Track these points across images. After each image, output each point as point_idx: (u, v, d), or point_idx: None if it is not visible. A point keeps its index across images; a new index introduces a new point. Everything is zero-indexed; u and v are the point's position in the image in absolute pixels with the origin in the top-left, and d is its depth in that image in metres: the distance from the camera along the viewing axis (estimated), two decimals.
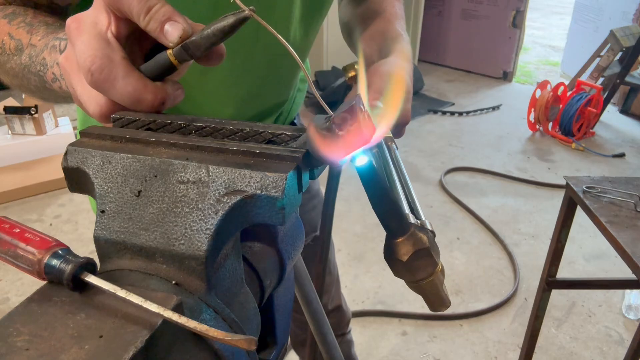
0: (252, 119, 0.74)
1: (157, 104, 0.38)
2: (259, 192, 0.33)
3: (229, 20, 0.36)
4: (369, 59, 0.59)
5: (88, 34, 0.37)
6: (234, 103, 0.70)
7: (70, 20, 0.38)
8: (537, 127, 3.53)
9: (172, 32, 0.36)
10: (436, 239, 0.49)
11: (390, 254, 0.43)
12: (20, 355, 0.27)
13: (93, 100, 0.39)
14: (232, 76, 0.66)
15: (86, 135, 0.40)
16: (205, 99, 0.68)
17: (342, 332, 1.23)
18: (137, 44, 0.40)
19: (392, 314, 1.96)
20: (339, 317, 1.20)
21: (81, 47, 0.36)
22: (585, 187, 1.19)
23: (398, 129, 0.51)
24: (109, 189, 0.36)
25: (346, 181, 2.86)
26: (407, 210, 0.42)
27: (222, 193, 0.34)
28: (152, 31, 0.36)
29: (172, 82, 0.39)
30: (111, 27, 0.37)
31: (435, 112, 3.85)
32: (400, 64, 0.54)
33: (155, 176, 0.35)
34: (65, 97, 0.52)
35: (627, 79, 3.43)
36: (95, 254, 0.38)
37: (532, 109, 3.43)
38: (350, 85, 0.67)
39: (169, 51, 0.37)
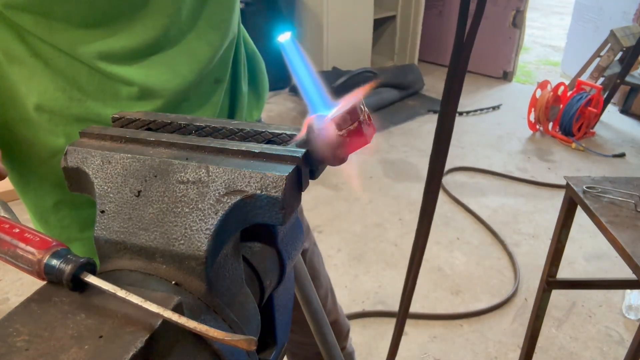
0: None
1: None
2: (259, 192, 0.33)
3: None
4: None
5: None
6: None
7: None
8: (537, 127, 3.53)
9: None
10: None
11: None
12: (20, 355, 0.27)
13: None
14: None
15: (86, 135, 0.40)
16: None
17: (341, 345, 1.17)
18: None
19: (392, 314, 1.96)
20: (337, 332, 1.16)
21: None
22: (586, 187, 1.19)
23: None
24: (109, 189, 0.36)
25: (346, 181, 2.86)
26: None
27: (222, 193, 0.34)
28: None
29: None
30: None
31: (435, 112, 3.85)
32: None
33: (155, 176, 0.35)
34: None
35: (628, 79, 3.42)
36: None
37: (532, 109, 3.43)
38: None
39: None
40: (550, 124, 3.47)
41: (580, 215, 1.25)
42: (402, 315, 0.89)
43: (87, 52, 0.58)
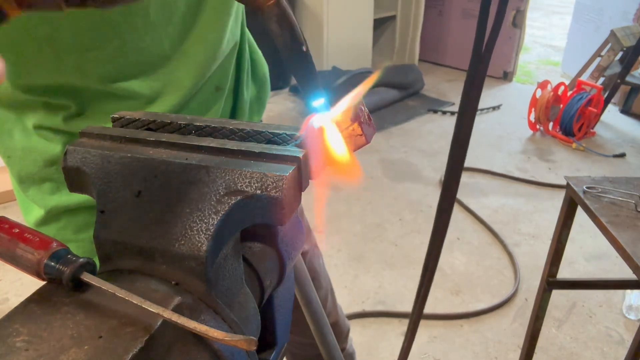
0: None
1: None
2: (259, 192, 0.33)
3: None
4: None
5: None
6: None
7: None
8: (538, 127, 3.53)
9: None
10: None
11: None
12: (19, 355, 0.27)
13: None
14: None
15: (86, 135, 0.40)
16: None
17: (341, 346, 1.17)
18: None
19: (392, 314, 1.96)
20: (337, 333, 1.16)
21: None
22: (586, 187, 1.19)
23: None
24: (109, 189, 0.36)
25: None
26: None
27: (222, 193, 0.34)
28: None
29: None
30: None
31: (435, 112, 3.85)
32: None
33: (155, 176, 0.35)
34: None
35: (628, 78, 3.42)
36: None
37: (533, 109, 3.43)
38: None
39: None
40: (551, 124, 3.47)
41: (580, 215, 1.25)
42: (413, 327, 0.89)
43: (96, 73, 0.58)
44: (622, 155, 3.23)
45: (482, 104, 3.95)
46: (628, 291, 2.02)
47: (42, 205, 0.69)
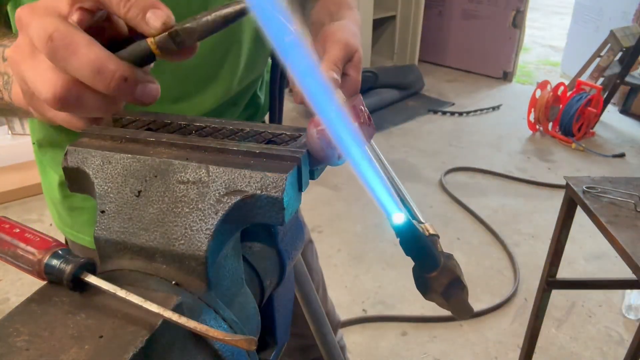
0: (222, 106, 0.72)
1: (118, 77, 0.34)
2: (259, 192, 0.33)
3: (230, 9, 0.34)
4: (319, 21, 0.59)
5: (45, 15, 0.34)
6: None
7: (21, 9, 0.36)
8: (537, 127, 3.53)
9: (155, 19, 0.34)
10: None
11: (424, 288, 0.46)
12: (20, 355, 0.27)
13: (47, 81, 0.35)
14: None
15: (86, 135, 0.40)
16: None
17: None
18: (96, 37, 0.36)
19: (392, 318, 1.95)
20: None
21: (39, 23, 0.34)
22: (586, 187, 1.19)
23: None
24: (109, 189, 0.36)
25: (346, 181, 2.86)
26: (407, 214, 0.43)
27: (222, 193, 0.34)
28: (132, 19, 0.34)
29: (144, 70, 0.36)
30: (72, 16, 0.35)
31: (435, 112, 3.85)
32: (354, 30, 0.53)
33: (155, 176, 0.35)
34: (10, 109, 0.49)
35: (627, 79, 3.42)
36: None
37: (532, 109, 3.43)
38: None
39: (150, 39, 0.35)
40: (550, 124, 3.47)
41: (580, 215, 1.25)
42: None
43: None
44: (622, 155, 3.23)
45: (482, 104, 3.95)
46: (628, 291, 2.02)
47: (56, 171, 0.73)
